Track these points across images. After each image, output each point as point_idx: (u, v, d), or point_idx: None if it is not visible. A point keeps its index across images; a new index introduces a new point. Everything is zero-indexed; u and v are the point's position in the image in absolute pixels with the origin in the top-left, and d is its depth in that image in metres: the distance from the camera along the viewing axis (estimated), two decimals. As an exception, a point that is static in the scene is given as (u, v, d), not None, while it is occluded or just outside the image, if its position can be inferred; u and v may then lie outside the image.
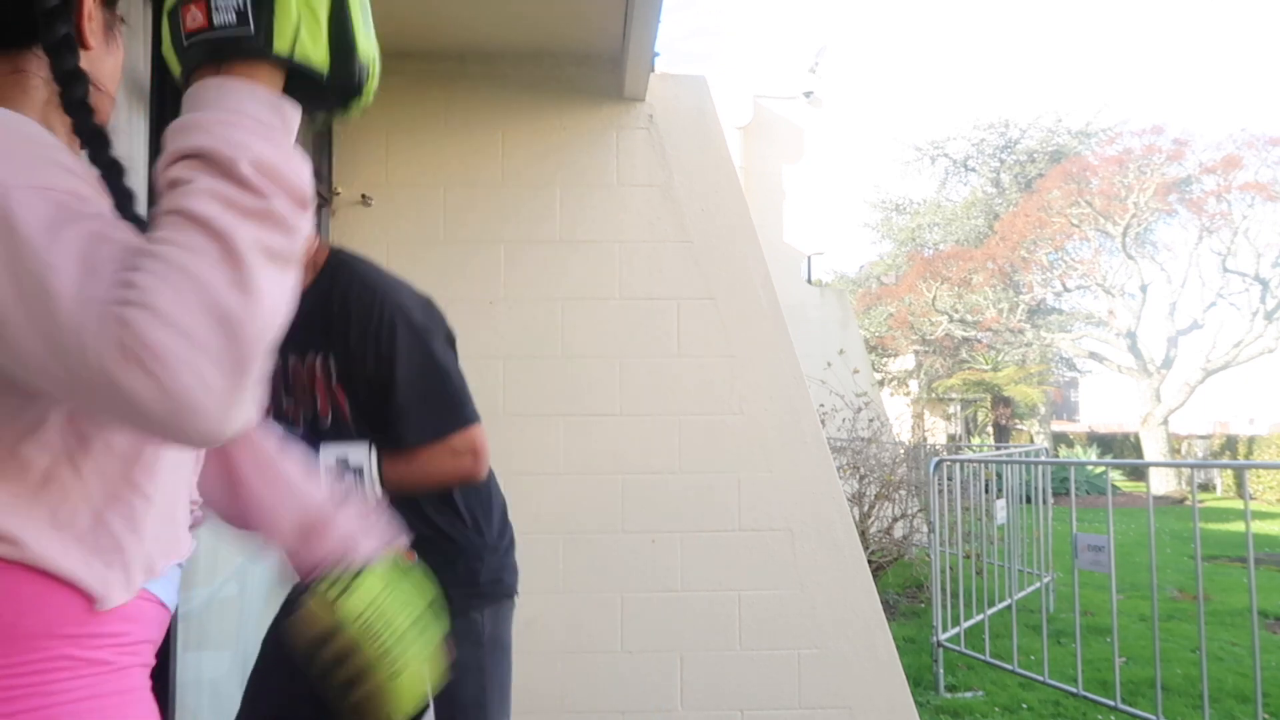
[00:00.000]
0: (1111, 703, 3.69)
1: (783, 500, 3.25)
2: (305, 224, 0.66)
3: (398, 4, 3.01)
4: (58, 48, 0.77)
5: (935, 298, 20.63)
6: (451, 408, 1.44)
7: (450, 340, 1.52)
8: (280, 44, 0.67)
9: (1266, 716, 3.52)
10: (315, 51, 0.68)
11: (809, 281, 10.80)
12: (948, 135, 24.87)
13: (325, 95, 0.72)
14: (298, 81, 0.70)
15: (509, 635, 1.62)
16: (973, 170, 24.53)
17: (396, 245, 3.17)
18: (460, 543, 1.54)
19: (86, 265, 0.60)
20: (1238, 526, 9.48)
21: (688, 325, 3.25)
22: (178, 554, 0.83)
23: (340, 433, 1.44)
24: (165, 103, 2.13)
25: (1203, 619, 3.49)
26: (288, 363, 1.45)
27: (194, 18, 0.66)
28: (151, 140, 2.10)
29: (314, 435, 1.44)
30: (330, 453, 1.35)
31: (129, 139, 2.00)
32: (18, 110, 0.78)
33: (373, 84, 0.73)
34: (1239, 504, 14.10)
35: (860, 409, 6.83)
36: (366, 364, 1.40)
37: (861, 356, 9.98)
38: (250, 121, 0.65)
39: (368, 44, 0.72)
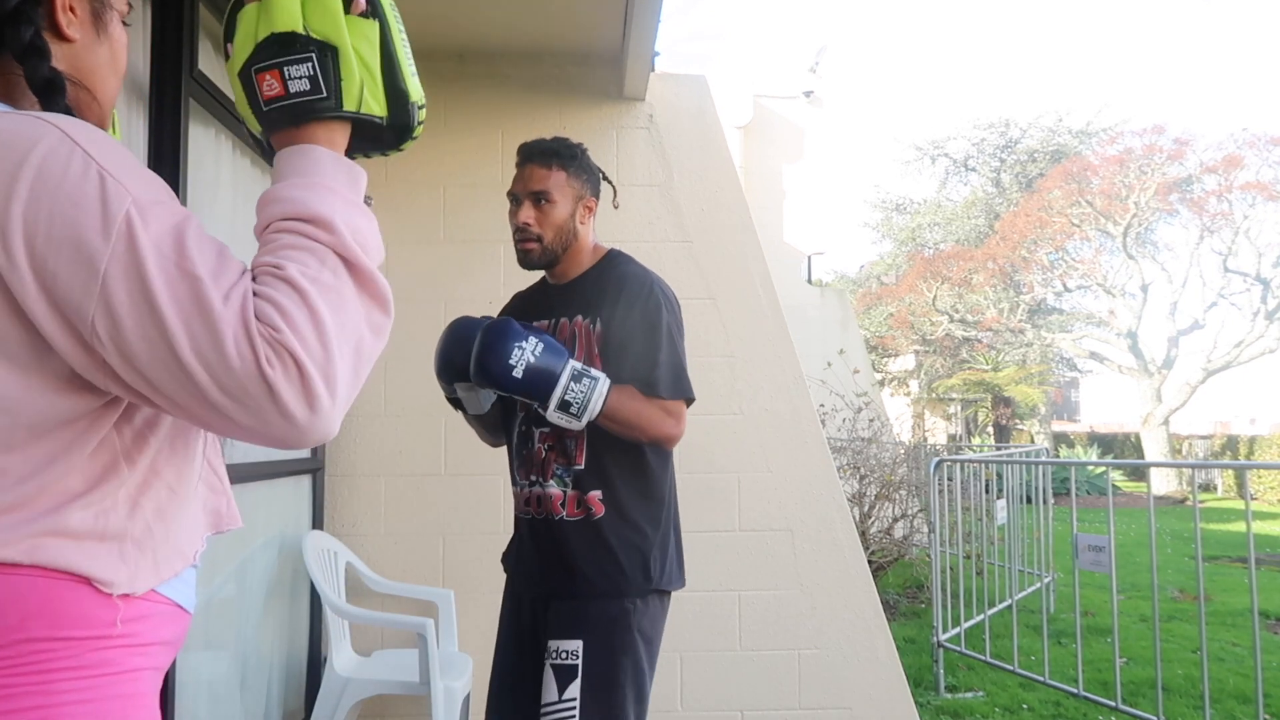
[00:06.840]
0: (1112, 703, 3.69)
1: (783, 500, 3.25)
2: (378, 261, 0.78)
3: (397, 3, 3.00)
4: (25, 54, 0.78)
5: (935, 298, 20.60)
6: (678, 377, 1.77)
7: (682, 334, 1.85)
8: (349, 103, 0.78)
9: (1268, 717, 3.52)
10: (377, 104, 0.80)
11: (809, 281, 10.81)
12: (948, 135, 24.87)
13: (384, 135, 0.83)
14: (361, 127, 0.81)
15: (657, 631, 1.77)
16: (973, 170, 24.49)
17: (396, 245, 3.16)
18: (631, 523, 1.72)
19: (220, 274, 0.68)
20: (1239, 527, 9.48)
21: (688, 325, 3.23)
22: (194, 547, 0.84)
23: None
24: (164, 102, 2.11)
25: (1203, 619, 3.48)
26: (557, 322, 1.82)
27: (270, 86, 0.77)
28: (150, 140, 2.09)
29: None
30: (578, 363, 1.67)
31: (128, 139, 1.98)
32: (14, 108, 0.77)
33: (423, 121, 0.84)
34: (1240, 504, 14.09)
35: (860, 409, 6.82)
36: (630, 327, 1.74)
37: (861, 356, 9.97)
38: (333, 191, 0.75)
39: (416, 88, 0.83)
